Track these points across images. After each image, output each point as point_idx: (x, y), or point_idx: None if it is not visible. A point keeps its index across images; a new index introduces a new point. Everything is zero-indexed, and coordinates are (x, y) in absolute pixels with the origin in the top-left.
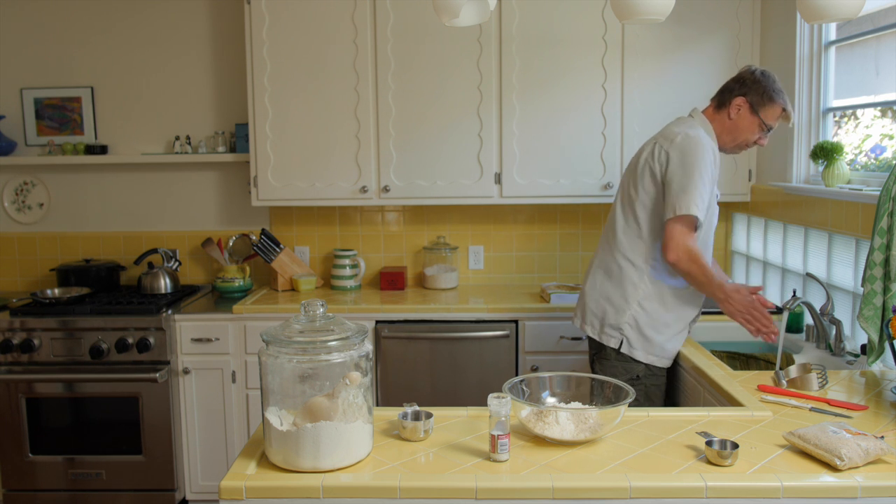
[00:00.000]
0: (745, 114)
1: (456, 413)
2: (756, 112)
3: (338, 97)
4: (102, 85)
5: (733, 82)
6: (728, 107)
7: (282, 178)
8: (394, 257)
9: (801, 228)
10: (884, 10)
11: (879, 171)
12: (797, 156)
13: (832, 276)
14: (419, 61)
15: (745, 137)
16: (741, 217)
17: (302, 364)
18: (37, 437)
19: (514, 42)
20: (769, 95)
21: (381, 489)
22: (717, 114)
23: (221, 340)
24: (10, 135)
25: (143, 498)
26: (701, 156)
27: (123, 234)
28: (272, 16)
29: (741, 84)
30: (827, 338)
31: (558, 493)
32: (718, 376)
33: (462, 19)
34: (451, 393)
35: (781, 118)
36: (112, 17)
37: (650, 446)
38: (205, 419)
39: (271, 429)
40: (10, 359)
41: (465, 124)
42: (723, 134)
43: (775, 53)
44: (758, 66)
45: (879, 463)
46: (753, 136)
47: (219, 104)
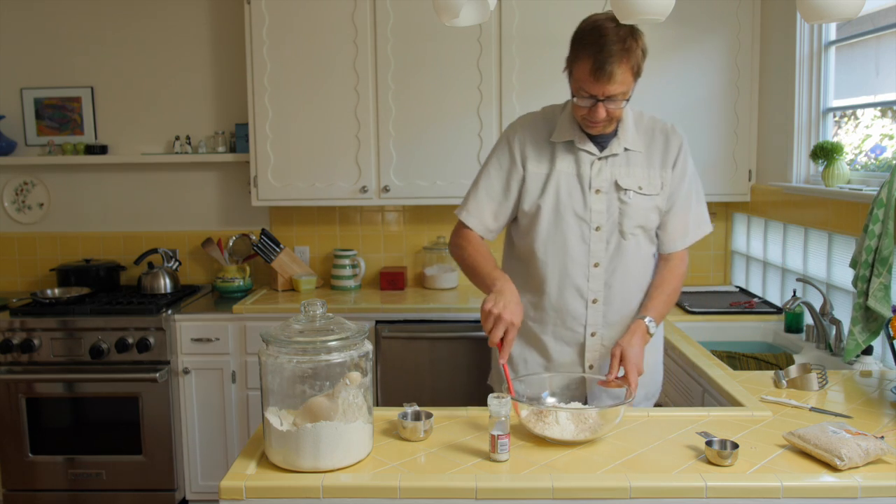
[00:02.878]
0: (568, 77)
1: (456, 413)
2: (570, 73)
3: (338, 97)
4: (102, 85)
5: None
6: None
7: (282, 178)
8: (394, 257)
9: (801, 228)
10: (884, 10)
11: (879, 171)
12: (797, 156)
13: (832, 276)
14: (419, 61)
15: (575, 108)
16: (741, 217)
17: (302, 364)
18: (37, 437)
19: (514, 42)
20: (572, 46)
21: (381, 489)
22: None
23: (221, 340)
24: (10, 135)
25: (143, 498)
26: (494, 147)
27: (123, 234)
28: (272, 16)
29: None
30: (827, 338)
31: (558, 493)
32: (718, 376)
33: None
34: (451, 393)
35: (592, 75)
36: (112, 18)
37: (650, 446)
38: (205, 419)
39: (271, 429)
40: (10, 359)
41: (465, 124)
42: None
43: (775, 53)
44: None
45: (879, 463)
46: (578, 106)
47: (219, 104)
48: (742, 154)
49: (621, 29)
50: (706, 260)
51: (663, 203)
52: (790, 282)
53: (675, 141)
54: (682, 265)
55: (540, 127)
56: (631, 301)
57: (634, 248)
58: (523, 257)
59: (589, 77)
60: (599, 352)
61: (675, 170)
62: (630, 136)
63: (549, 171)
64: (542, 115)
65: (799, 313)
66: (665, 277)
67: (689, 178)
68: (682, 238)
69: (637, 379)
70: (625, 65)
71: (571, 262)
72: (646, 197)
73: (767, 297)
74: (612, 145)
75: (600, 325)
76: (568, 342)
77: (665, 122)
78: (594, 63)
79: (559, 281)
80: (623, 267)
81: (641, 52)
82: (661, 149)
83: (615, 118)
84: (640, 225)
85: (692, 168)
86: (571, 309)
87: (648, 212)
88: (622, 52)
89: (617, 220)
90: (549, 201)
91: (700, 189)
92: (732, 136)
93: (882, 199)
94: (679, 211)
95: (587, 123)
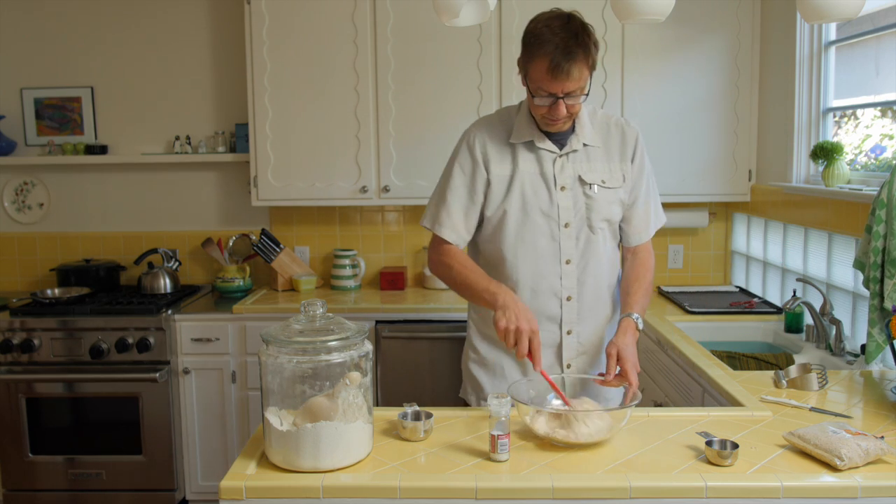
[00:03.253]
0: (523, 78)
1: (456, 413)
2: (525, 74)
3: (338, 97)
4: (102, 85)
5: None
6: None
7: (282, 178)
8: (394, 257)
9: (801, 228)
10: (884, 10)
11: (879, 171)
12: (797, 156)
13: (832, 276)
14: (419, 61)
15: (534, 108)
16: (741, 217)
17: (302, 364)
18: (37, 437)
19: (513, 42)
20: (524, 47)
21: (381, 489)
22: None
23: (221, 340)
24: (10, 135)
25: (143, 498)
26: (453, 154)
27: (123, 234)
28: (272, 16)
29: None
30: (827, 338)
31: (558, 493)
32: (718, 376)
33: (462, 19)
34: (451, 393)
35: (549, 73)
36: (112, 18)
37: (650, 446)
38: (205, 419)
39: (271, 429)
40: (10, 359)
41: (465, 124)
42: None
43: (775, 53)
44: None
45: (879, 463)
46: (537, 106)
47: (219, 104)
48: (742, 154)
49: (572, 24)
50: (706, 260)
51: (625, 196)
52: (790, 282)
53: (630, 134)
54: (651, 257)
55: (497, 129)
56: (601, 296)
57: (602, 243)
58: (491, 262)
59: (546, 75)
60: (576, 350)
61: (635, 163)
62: (587, 131)
63: (512, 172)
64: (498, 116)
65: (799, 313)
66: (639, 272)
67: (648, 169)
68: (646, 230)
69: (637, 377)
70: (581, 60)
71: (543, 261)
72: (609, 190)
73: (767, 297)
74: (571, 142)
75: (575, 322)
76: (545, 344)
77: (619, 117)
78: (551, 61)
79: (532, 282)
80: (594, 262)
81: (594, 46)
82: (619, 142)
83: (574, 114)
84: (606, 218)
85: (647, 159)
86: (547, 309)
87: (612, 205)
88: (577, 47)
89: (584, 214)
90: (515, 202)
91: (654, 180)
92: (732, 136)
93: (883, 199)
94: (641, 203)
95: (547, 122)
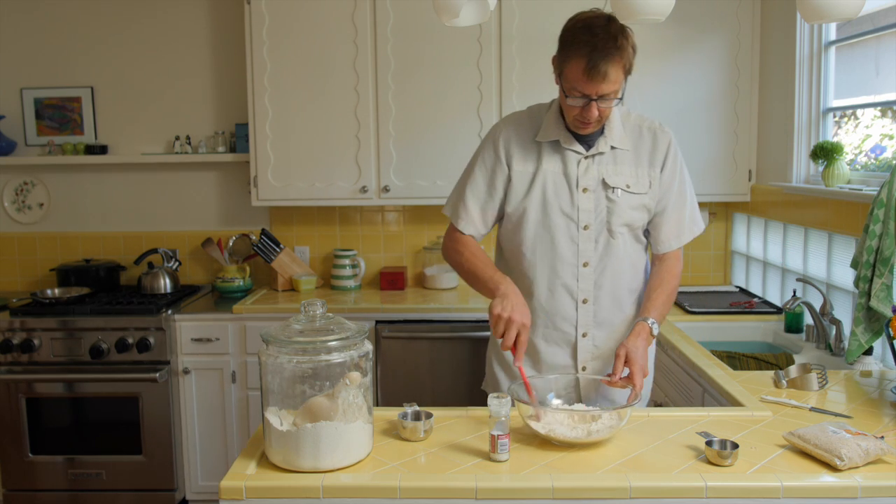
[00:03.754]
0: (557, 77)
1: (456, 413)
2: (560, 73)
3: (338, 97)
4: (102, 85)
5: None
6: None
7: (282, 178)
8: (394, 257)
9: (801, 228)
10: (884, 10)
11: (879, 171)
12: (797, 156)
13: (832, 276)
14: (419, 61)
15: (566, 108)
16: (741, 217)
17: (302, 364)
18: (37, 437)
19: (514, 42)
20: (561, 46)
21: (381, 489)
22: None
23: (221, 340)
24: (10, 135)
25: (143, 498)
26: (479, 147)
27: (123, 234)
28: (272, 16)
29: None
30: (827, 338)
31: (558, 493)
32: (718, 376)
33: (462, 19)
34: (451, 393)
35: (585, 74)
36: (112, 17)
37: (650, 446)
38: (205, 419)
39: (271, 429)
40: (10, 359)
41: (465, 124)
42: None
43: (775, 53)
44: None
45: (879, 463)
46: (570, 106)
47: (219, 104)
48: (742, 154)
49: (612, 26)
50: (706, 260)
51: (651, 202)
52: (790, 282)
53: (663, 139)
54: (678, 264)
55: (525, 126)
56: (621, 301)
57: (623, 247)
58: (512, 259)
59: (582, 76)
60: (592, 353)
61: (665, 169)
62: (617, 134)
63: (535, 170)
64: (528, 114)
65: (799, 313)
66: (663, 278)
67: (680, 177)
68: (676, 237)
69: (642, 380)
70: (618, 63)
71: (560, 261)
72: (633, 195)
73: (767, 297)
74: (598, 143)
75: (591, 325)
76: (559, 344)
77: (653, 121)
78: (588, 62)
79: (548, 281)
80: (612, 266)
81: (632, 50)
82: (649, 147)
83: (605, 118)
84: (627, 223)
85: (682, 166)
86: (561, 309)
87: (635, 210)
88: (615, 50)
89: (605, 218)
90: (536, 200)
91: (691, 186)
92: (732, 136)
93: (882, 199)
94: (672, 210)
95: (578, 124)
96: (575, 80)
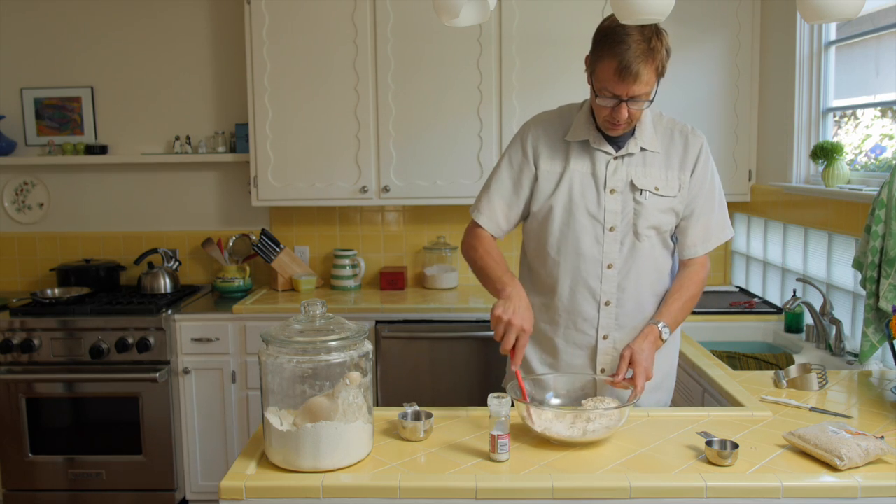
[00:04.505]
0: (589, 77)
1: (456, 413)
2: (592, 72)
3: (338, 97)
4: (102, 85)
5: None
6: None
7: (282, 178)
8: (394, 257)
9: (801, 228)
10: (884, 10)
11: (879, 171)
12: (797, 156)
13: (832, 276)
14: (419, 61)
15: (596, 109)
16: (741, 217)
17: (302, 364)
18: (37, 437)
19: (514, 42)
20: (595, 45)
21: (381, 489)
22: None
23: (221, 340)
24: (10, 135)
25: (143, 498)
26: (507, 145)
27: (123, 234)
28: (272, 16)
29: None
30: (827, 338)
31: (558, 493)
32: (718, 376)
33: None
34: (451, 393)
35: (617, 74)
36: (112, 17)
37: (650, 446)
38: (205, 419)
39: (271, 429)
40: (10, 359)
41: (465, 124)
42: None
43: (775, 53)
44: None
45: (879, 463)
46: (600, 106)
47: (219, 104)
48: (742, 154)
49: (646, 28)
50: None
51: (680, 206)
52: (790, 282)
53: (694, 143)
54: (703, 271)
55: (555, 125)
56: (644, 305)
57: (649, 251)
58: (535, 259)
59: (614, 77)
60: (611, 356)
61: (696, 173)
62: (648, 135)
63: (562, 169)
64: (559, 113)
65: (799, 313)
66: (683, 283)
67: (711, 182)
68: (703, 243)
69: (644, 382)
70: (650, 65)
71: (584, 262)
72: (662, 198)
73: (767, 297)
74: (628, 145)
75: (613, 328)
76: (579, 345)
77: (685, 125)
78: (620, 63)
79: (571, 282)
80: (637, 269)
81: (666, 52)
82: (681, 151)
83: (636, 119)
84: (654, 226)
85: (713, 170)
86: (583, 311)
87: (663, 213)
88: (648, 51)
89: (631, 220)
90: (562, 200)
91: (721, 192)
92: (732, 136)
93: (882, 199)
94: (701, 216)
95: (608, 125)
96: (606, 81)
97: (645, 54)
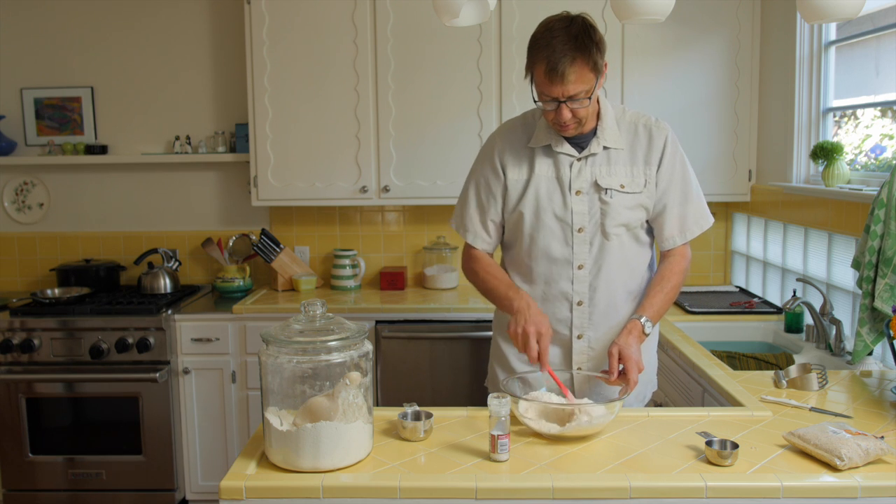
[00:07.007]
0: (530, 83)
1: (456, 413)
2: (531, 79)
3: (338, 97)
4: (102, 85)
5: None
6: None
7: (282, 178)
8: (394, 257)
9: (801, 228)
10: (884, 10)
11: (879, 171)
12: (797, 156)
13: (832, 276)
14: (419, 61)
15: (544, 113)
16: (741, 217)
17: (302, 364)
18: (37, 437)
19: (514, 42)
20: (528, 51)
21: (381, 489)
22: None
23: (221, 340)
24: (10, 135)
25: (143, 498)
26: (476, 159)
27: (123, 234)
28: (272, 16)
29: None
30: (827, 338)
31: (558, 493)
32: (718, 376)
33: (462, 19)
34: (451, 393)
35: (547, 76)
36: (112, 18)
37: (650, 446)
38: (205, 419)
39: (271, 429)
40: (10, 359)
41: (465, 124)
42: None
43: (775, 53)
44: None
45: (879, 463)
46: (545, 111)
47: (219, 104)
48: (742, 154)
49: (573, 27)
50: (706, 260)
51: (648, 201)
52: (790, 282)
53: (659, 136)
54: (683, 261)
55: (518, 133)
56: (617, 303)
57: (618, 249)
58: (511, 264)
59: (545, 79)
60: (587, 355)
61: (663, 166)
62: (610, 134)
63: (528, 176)
64: (522, 120)
65: (799, 313)
66: (664, 275)
67: (682, 171)
68: (679, 234)
69: (637, 375)
70: (579, 63)
71: (555, 265)
72: (628, 195)
73: (767, 297)
74: (591, 145)
75: (587, 327)
76: (555, 344)
77: (649, 117)
78: (547, 65)
79: (544, 285)
80: (608, 268)
81: (597, 47)
82: (645, 145)
83: (582, 118)
84: (623, 224)
85: (683, 160)
86: (557, 312)
87: (631, 210)
88: (574, 50)
89: (599, 220)
90: (530, 206)
91: (695, 181)
92: (732, 136)
93: (882, 199)
94: (674, 207)
95: (557, 128)
96: (540, 84)
97: (572, 53)
